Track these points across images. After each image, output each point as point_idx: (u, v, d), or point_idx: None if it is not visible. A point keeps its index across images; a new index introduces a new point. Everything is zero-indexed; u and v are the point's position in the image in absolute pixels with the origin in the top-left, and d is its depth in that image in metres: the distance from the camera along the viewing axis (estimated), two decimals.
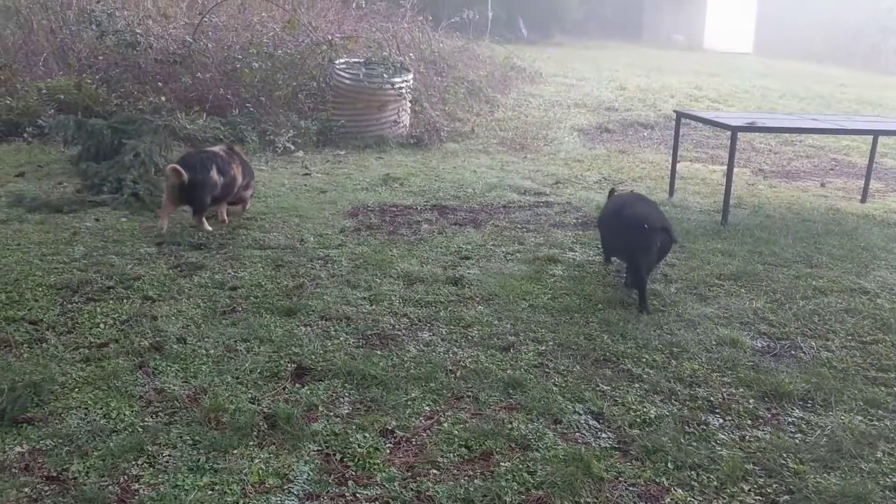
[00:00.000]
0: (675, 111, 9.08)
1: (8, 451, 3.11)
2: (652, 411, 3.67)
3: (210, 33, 11.57)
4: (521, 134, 11.86)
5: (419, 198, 7.81)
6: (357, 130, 10.73)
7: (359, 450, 3.25)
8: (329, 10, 13.54)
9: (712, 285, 5.48)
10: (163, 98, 10.19)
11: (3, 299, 4.61)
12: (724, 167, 8.27)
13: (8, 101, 9.90)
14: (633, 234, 5.04)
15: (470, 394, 3.79)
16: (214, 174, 6.23)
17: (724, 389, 3.94)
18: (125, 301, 4.74)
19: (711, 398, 3.84)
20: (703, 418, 3.64)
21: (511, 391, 3.83)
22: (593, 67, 20.29)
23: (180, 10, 12.97)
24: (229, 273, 5.32)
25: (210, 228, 6.38)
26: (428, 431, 3.43)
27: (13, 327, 4.25)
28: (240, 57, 10.93)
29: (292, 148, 9.89)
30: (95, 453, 3.12)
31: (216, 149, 6.63)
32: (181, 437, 3.28)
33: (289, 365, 4.00)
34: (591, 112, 14.07)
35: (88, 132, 8.39)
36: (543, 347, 4.35)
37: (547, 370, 4.09)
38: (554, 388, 3.87)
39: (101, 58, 11.06)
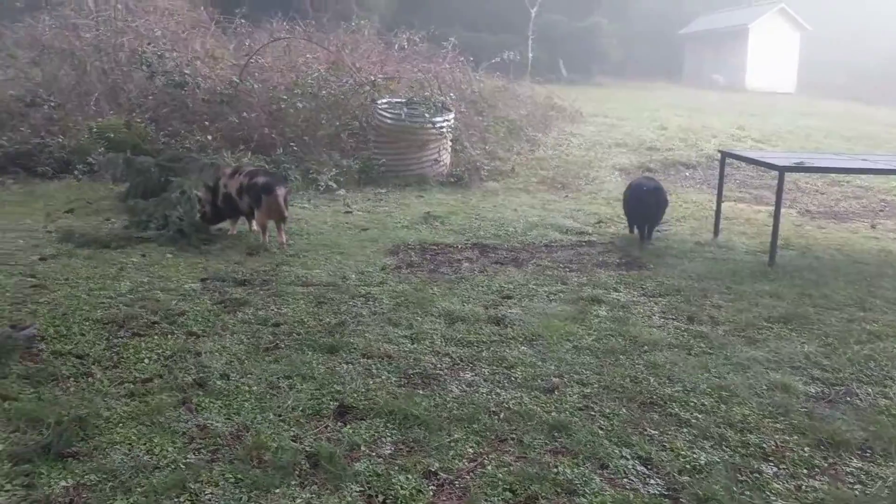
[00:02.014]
0: (719, 151, 8.99)
1: (53, 485, 3.11)
2: (702, 458, 3.56)
3: (256, 74, 11.85)
4: (561, 173, 11.85)
5: (460, 236, 7.81)
6: (398, 169, 10.82)
7: (401, 491, 3.18)
8: (372, 51, 13.78)
9: (761, 328, 5.34)
10: (209, 137, 10.42)
11: (51, 333, 4.67)
12: (770, 207, 8.15)
13: (60, 140, 10.20)
14: (636, 196, 7.81)
15: (514, 436, 3.71)
16: None
17: (776, 436, 3.81)
18: (169, 336, 4.77)
19: (764, 445, 3.71)
20: (755, 466, 3.51)
21: (556, 434, 3.75)
22: (634, 107, 20.29)
23: (227, 51, 13.32)
24: (272, 309, 5.34)
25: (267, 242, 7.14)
26: (471, 474, 3.36)
27: (60, 361, 4.29)
28: (284, 97, 11.15)
29: (334, 186, 10.00)
30: (138, 490, 3.11)
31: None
32: (223, 474, 3.25)
33: (331, 403, 3.97)
34: (632, 152, 14.02)
35: (137, 170, 8.60)
36: (588, 390, 4.26)
37: (592, 413, 4.00)
38: (600, 432, 3.78)
39: (150, 98, 11.37)
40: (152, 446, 3.44)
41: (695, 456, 3.57)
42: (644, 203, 7.69)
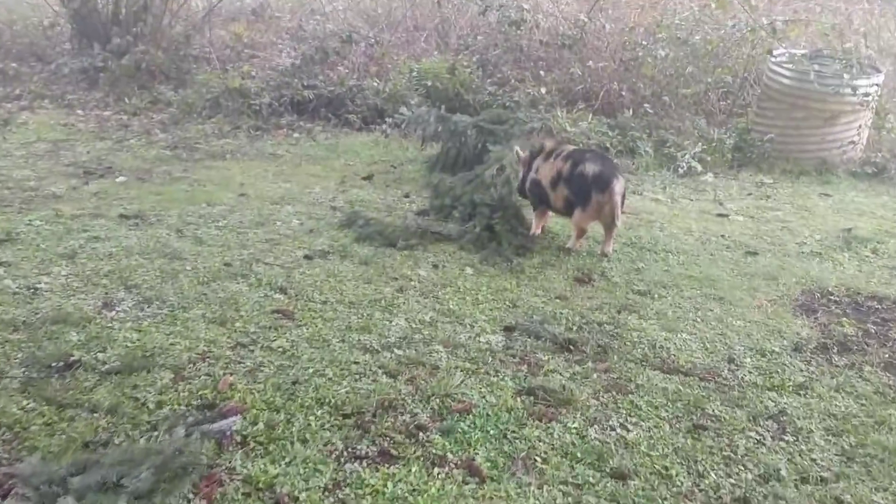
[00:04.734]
0: None
1: None
2: None
3: (609, 11, 9.41)
4: None
5: None
6: (789, 149, 7.83)
7: None
8: None
9: None
10: (543, 90, 8.33)
11: (258, 430, 2.87)
12: None
13: (376, 83, 8.74)
14: None
15: None
16: None
17: None
18: (437, 472, 2.75)
19: None
20: None
21: None
22: None
23: None
24: (611, 426, 3.08)
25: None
26: None
27: None
28: (643, 43, 8.64)
29: (699, 168, 7.36)
30: None
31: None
32: None
33: None
34: None
35: (451, 131, 6.77)
36: None
37: None
38: None
39: (480, 37, 9.52)
40: None
41: None
42: None
